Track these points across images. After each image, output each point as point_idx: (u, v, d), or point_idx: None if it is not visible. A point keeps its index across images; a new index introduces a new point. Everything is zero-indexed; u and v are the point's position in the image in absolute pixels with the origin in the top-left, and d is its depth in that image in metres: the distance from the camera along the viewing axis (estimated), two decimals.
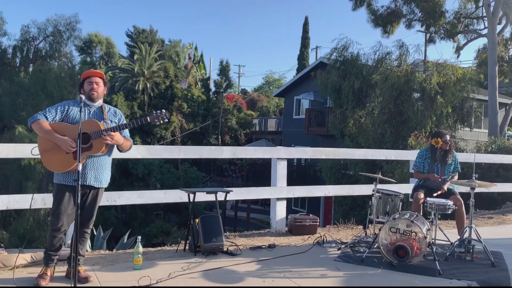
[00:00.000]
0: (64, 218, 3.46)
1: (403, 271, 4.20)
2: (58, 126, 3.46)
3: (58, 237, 3.49)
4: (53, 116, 3.49)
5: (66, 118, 3.52)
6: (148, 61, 32.17)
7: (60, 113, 3.51)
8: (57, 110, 3.52)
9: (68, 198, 3.46)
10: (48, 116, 3.47)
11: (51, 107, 3.56)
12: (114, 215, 20.61)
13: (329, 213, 18.69)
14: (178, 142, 29.84)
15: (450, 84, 14.82)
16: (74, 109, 3.55)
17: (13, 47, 27.94)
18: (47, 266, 3.54)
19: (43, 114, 3.47)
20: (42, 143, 3.46)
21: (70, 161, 3.39)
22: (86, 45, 37.59)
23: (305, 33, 38.07)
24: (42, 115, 3.46)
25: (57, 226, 3.45)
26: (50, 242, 3.51)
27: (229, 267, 4.15)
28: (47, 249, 3.54)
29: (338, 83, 17.04)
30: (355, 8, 19.84)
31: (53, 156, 3.43)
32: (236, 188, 5.86)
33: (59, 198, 3.46)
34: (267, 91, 46.80)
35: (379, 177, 5.24)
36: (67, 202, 3.45)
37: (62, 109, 3.53)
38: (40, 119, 3.43)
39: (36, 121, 3.42)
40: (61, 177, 3.48)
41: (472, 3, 19.41)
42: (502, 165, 10.72)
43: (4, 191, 4.13)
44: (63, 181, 3.47)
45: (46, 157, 3.46)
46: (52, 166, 3.45)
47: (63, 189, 3.46)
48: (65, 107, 3.55)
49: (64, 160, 3.40)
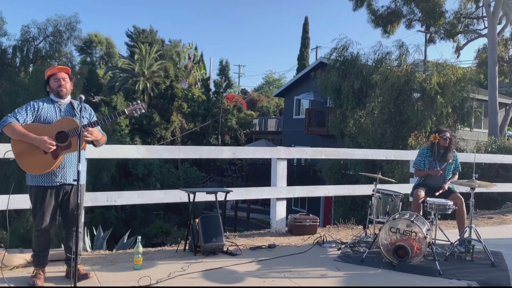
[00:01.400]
0: (48, 218, 3.43)
1: (403, 271, 4.20)
2: (31, 127, 3.34)
3: (43, 236, 3.48)
4: (24, 117, 3.37)
5: (38, 118, 3.41)
6: (148, 61, 32.18)
7: (31, 114, 3.40)
8: (27, 111, 3.40)
9: (49, 198, 3.42)
10: (19, 118, 3.35)
11: (20, 108, 3.42)
12: (114, 215, 20.60)
13: (329, 213, 18.69)
14: (178, 142, 29.84)
15: (450, 84, 14.82)
16: (45, 107, 3.46)
17: (13, 47, 27.96)
18: (38, 267, 3.52)
19: (13, 116, 3.34)
20: (16, 146, 3.34)
21: (49, 162, 3.33)
22: (86, 45, 37.65)
23: (305, 33, 38.07)
24: (12, 118, 3.33)
25: (42, 227, 3.42)
26: (37, 243, 3.49)
27: (229, 267, 4.15)
28: (35, 250, 3.51)
29: (338, 83, 17.04)
30: (355, 8, 19.84)
31: (31, 158, 3.32)
32: (236, 188, 5.86)
33: (41, 199, 3.40)
34: (267, 91, 46.78)
35: (379, 177, 5.24)
36: (48, 202, 3.41)
37: (33, 109, 3.42)
38: (11, 122, 3.30)
39: (8, 125, 3.29)
40: (39, 179, 3.40)
41: (472, 3, 19.41)
42: (502, 165, 10.72)
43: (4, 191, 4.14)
44: (42, 182, 3.40)
45: (23, 160, 3.33)
46: (31, 169, 3.35)
47: (42, 190, 3.41)
48: (34, 106, 3.44)
49: (43, 161, 3.32)
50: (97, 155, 4.74)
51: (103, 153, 4.87)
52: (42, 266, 3.55)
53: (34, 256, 3.54)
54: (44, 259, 3.55)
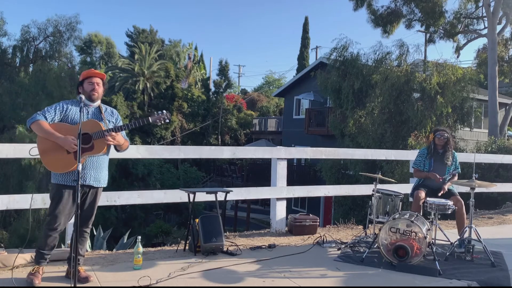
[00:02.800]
0: (62, 218, 3.45)
1: (403, 271, 4.20)
2: (57, 127, 3.42)
3: (53, 236, 3.48)
4: (52, 116, 3.46)
5: (65, 118, 3.49)
6: (148, 61, 32.19)
7: (59, 114, 3.48)
8: (56, 111, 3.48)
9: (67, 198, 3.45)
10: (48, 117, 3.43)
11: (49, 107, 3.52)
12: (114, 215, 20.60)
13: (329, 213, 18.69)
14: (178, 142, 29.84)
15: (450, 84, 14.82)
16: (73, 109, 3.52)
17: (13, 47, 27.96)
18: (39, 264, 3.52)
19: (42, 114, 3.43)
20: (42, 143, 3.42)
21: (71, 161, 3.37)
22: (86, 45, 37.64)
23: (305, 33, 38.08)
24: (41, 116, 3.41)
25: (54, 225, 3.44)
26: (44, 241, 3.49)
27: (229, 267, 4.15)
28: (40, 248, 3.51)
29: (338, 83, 17.03)
30: (355, 8, 19.82)
31: (54, 157, 3.40)
32: (236, 188, 5.86)
33: (58, 198, 3.45)
34: (267, 91, 46.77)
35: (379, 177, 5.24)
36: (65, 202, 3.45)
37: (61, 109, 3.50)
38: (40, 119, 3.38)
39: (36, 122, 3.38)
40: (60, 177, 3.46)
41: (472, 3, 19.40)
42: (502, 165, 10.72)
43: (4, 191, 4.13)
44: (63, 181, 3.45)
45: (46, 158, 3.42)
46: (53, 167, 3.42)
47: (62, 189, 3.45)
48: (63, 107, 3.52)
49: (65, 161, 3.38)
50: None
51: None
52: (43, 264, 3.55)
53: (37, 253, 3.53)
54: (47, 258, 3.55)
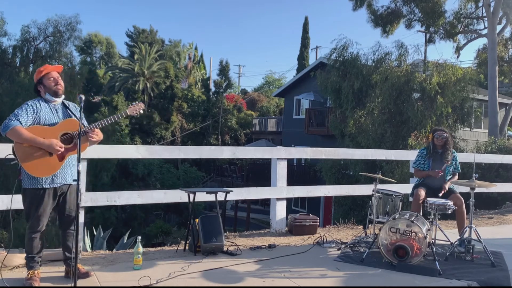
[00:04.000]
0: (45, 220, 3.40)
1: (403, 271, 4.20)
2: (37, 130, 3.29)
3: (37, 238, 3.41)
4: (25, 119, 3.29)
5: (38, 119, 3.35)
6: (148, 61, 32.20)
7: (32, 116, 3.33)
8: (27, 113, 3.31)
9: (47, 199, 3.39)
10: (22, 121, 3.26)
11: (19, 110, 3.32)
12: (114, 215, 20.60)
13: (329, 213, 18.69)
14: (178, 142, 29.85)
15: (450, 84, 14.81)
16: (43, 109, 3.40)
17: (13, 47, 27.94)
18: (33, 269, 3.43)
19: (16, 119, 3.24)
20: (20, 149, 3.26)
21: (56, 164, 3.32)
22: (86, 45, 37.68)
23: (305, 33, 38.08)
24: (16, 121, 3.23)
25: (38, 228, 3.38)
26: (31, 245, 3.40)
27: (229, 267, 4.15)
28: (29, 253, 3.43)
29: (338, 83, 17.03)
30: (355, 8, 19.83)
31: (37, 161, 3.27)
32: (236, 188, 5.86)
33: (38, 201, 3.35)
34: (267, 91, 46.76)
35: (379, 177, 5.24)
36: (46, 203, 3.38)
37: (32, 111, 3.34)
38: (15, 125, 3.21)
39: (13, 129, 3.20)
40: (38, 181, 3.34)
41: (472, 3, 19.39)
42: (502, 165, 10.72)
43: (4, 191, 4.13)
44: (41, 184, 3.35)
45: (28, 163, 3.27)
46: (38, 172, 3.30)
47: (40, 191, 3.36)
48: (33, 108, 3.36)
49: (50, 163, 3.32)
50: (97, 155, 4.74)
51: (103, 153, 4.88)
52: (36, 268, 3.47)
53: (27, 259, 3.45)
54: (38, 261, 3.48)
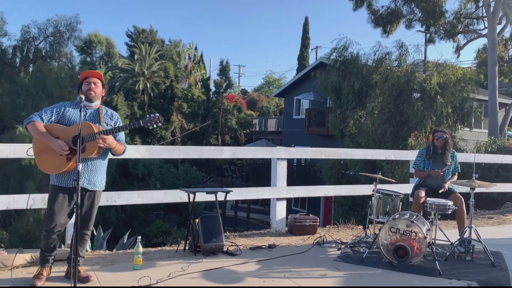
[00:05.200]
0: (58, 219, 3.45)
1: (403, 271, 4.20)
2: (52, 127, 3.46)
3: (52, 238, 3.49)
4: (49, 117, 3.49)
5: (62, 119, 3.51)
6: (148, 61, 32.18)
7: (56, 114, 3.51)
8: (53, 111, 3.52)
9: (62, 199, 3.46)
10: (44, 117, 3.47)
11: (48, 108, 3.55)
12: (114, 215, 20.59)
13: (329, 213, 18.69)
14: (178, 142, 29.84)
15: (450, 84, 14.81)
16: (71, 110, 3.54)
17: (13, 47, 27.98)
18: (43, 266, 3.55)
19: (38, 115, 3.47)
20: (36, 144, 3.48)
21: (63, 163, 3.40)
22: (86, 45, 37.62)
23: (305, 33, 38.07)
24: (37, 117, 3.46)
25: (51, 227, 3.45)
26: (45, 243, 3.52)
27: (229, 267, 4.15)
28: (43, 250, 3.55)
29: (338, 83, 17.03)
30: (355, 8, 19.83)
31: (47, 158, 3.44)
32: (236, 188, 5.86)
33: (53, 199, 3.47)
34: (267, 91, 46.75)
35: (379, 177, 5.24)
36: (61, 203, 3.45)
37: (58, 110, 3.53)
38: (35, 120, 3.43)
39: (31, 123, 3.43)
40: (55, 179, 3.50)
41: (472, 3, 19.39)
42: (502, 165, 10.72)
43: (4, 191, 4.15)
44: (57, 182, 3.48)
45: (39, 158, 3.48)
46: (45, 168, 3.46)
47: (57, 190, 3.48)
48: (61, 108, 3.55)
49: (57, 162, 3.41)
50: None
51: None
52: (47, 266, 3.56)
53: (40, 254, 3.59)
54: (49, 259, 3.57)
